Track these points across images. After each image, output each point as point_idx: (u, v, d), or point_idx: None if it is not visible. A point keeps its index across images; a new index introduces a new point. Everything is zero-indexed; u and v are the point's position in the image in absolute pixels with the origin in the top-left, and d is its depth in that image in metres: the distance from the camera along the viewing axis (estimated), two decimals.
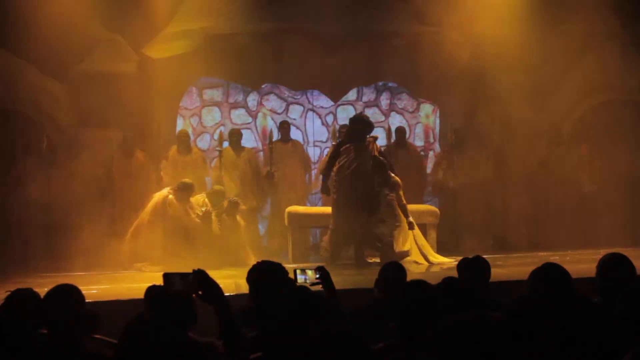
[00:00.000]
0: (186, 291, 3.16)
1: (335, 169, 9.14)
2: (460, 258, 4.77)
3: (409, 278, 4.22)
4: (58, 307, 3.40)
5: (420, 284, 3.40)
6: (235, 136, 11.00)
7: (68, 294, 3.48)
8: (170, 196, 9.33)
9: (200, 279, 3.08)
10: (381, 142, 10.31)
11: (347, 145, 9.16)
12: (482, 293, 4.31)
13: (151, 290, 3.57)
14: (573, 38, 11.74)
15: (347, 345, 2.13)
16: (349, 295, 5.72)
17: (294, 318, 2.76)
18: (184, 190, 9.38)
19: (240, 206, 9.77)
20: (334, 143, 10.73)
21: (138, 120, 10.86)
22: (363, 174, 9.01)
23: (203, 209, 9.34)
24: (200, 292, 3.09)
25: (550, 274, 3.77)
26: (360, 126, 9.20)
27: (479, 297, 4.12)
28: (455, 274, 4.46)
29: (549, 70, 11.99)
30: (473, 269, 4.48)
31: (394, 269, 4.82)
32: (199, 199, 9.54)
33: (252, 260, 9.21)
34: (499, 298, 4.15)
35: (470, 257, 4.63)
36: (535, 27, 11.45)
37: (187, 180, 9.51)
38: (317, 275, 3.88)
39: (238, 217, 9.71)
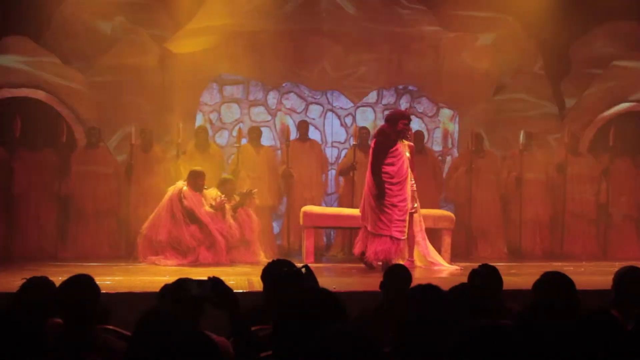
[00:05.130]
0: (202, 297, 3.18)
1: (389, 171, 8.55)
2: (471, 265, 4.76)
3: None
4: (74, 296, 3.42)
5: (428, 288, 3.39)
6: (255, 133, 11.02)
7: (85, 284, 3.50)
8: (185, 188, 9.36)
9: (216, 286, 3.09)
10: None
11: (396, 146, 8.55)
12: (495, 301, 4.29)
13: (165, 289, 3.58)
14: (596, 48, 11.70)
15: (360, 347, 2.13)
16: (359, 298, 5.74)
17: (308, 318, 2.76)
18: (196, 178, 9.40)
19: (254, 197, 9.71)
20: (354, 143, 10.70)
21: (158, 114, 10.91)
22: (408, 177, 8.60)
23: (217, 199, 9.35)
24: (216, 299, 3.10)
25: (552, 281, 3.76)
26: (406, 123, 8.57)
27: (491, 305, 4.10)
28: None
29: (570, 79, 11.94)
30: (485, 276, 4.46)
31: (399, 272, 4.82)
32: (212, 192, 9.56)
33: (262, 257, 9.29)
34: (512, 306, 4.14)
35: (483, 264, 4.61)
36: (559, 36, 11.42)
37: (197, 168, 9.53)
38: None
39: (252, 212, 9.70)
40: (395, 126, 8.51)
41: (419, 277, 8.19)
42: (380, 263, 8.50)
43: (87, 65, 10.88)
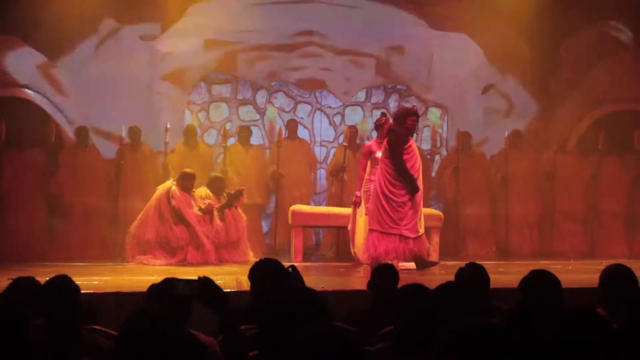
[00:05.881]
0: (190, 297, 3.15)
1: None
2: (459, 263, 4.78)
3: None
4: (53, 297, 3.40)
5: (418, 288, 3.40)
6: (244, 132, 11.01)
7: (62, 285, 3.49)
8: (174, 187, 9.34)
9: (206, 286, 3.07)
10: None
11: (410, 143, 8.51)
12: (482, 299, 4.30)
13: (153, 289, 3.57)
14: (584, 47, 11.74)
15: (341, 345, 2.13)
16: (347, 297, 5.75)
17: (292, 318, 2.76)
18: (186, 180, 9.38)
19: (243, 196, 9.67)
20: (345, 144, 10.70)
21: (146, 114, 10.88)
22: (421, 174, 8.59)
23: (206, 202, 9.34)
24: (204, 299, 3.08)
25: (539, 279, 3.77)
26: (414, 120, 8.49)
27: (478, 303, 4.11)
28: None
29: (559, 78, 11.98)
30: (472, 275, 4.47)
31: (387, 272, 4.84)
32: (202, 192, 9.54)
33: (251, 256, 9.28)
34: (499, 305, 4.15)
35: (470, 263, 4.62)
36: (546, 36, 11.45)
37: (188, 170, 9.50)
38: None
39: (240, 211, 9.68)
40: (404, 123, 8.47)
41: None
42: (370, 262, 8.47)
43: (76, 65, 10.83)
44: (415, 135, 10.93)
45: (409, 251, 8.46)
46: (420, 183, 8.50)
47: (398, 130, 8.46)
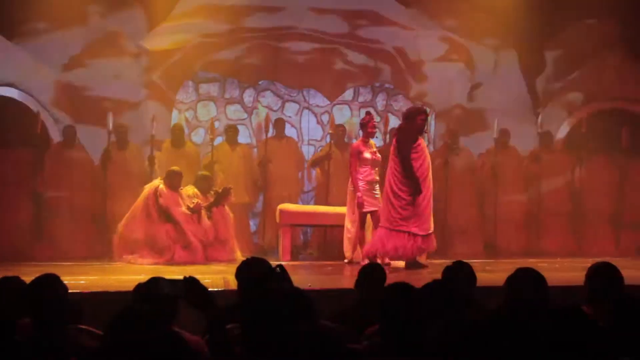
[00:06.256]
0: (174, 296, 3.15)
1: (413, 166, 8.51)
2: (446, 262, 4.79)
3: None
4: (41, 296, 3.39)
5: (404, 287, 3.40)
6: (231, 131, 10.99)
7: (50, 284, 3.48)
8: (161, 186, 9.32)
9: (191, 286, 3.07)
10: (377, 142, 10.26)
11: (419, 142, 8.58)
12: (469, 297, 4.31)
13: (139, 288, 3.57)
14: (571, 46, 11.78)
15: (326, 344, 2.13)
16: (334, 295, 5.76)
17: (280, 316, 2.76)
18: (173, 179, 9.36)
19: (231, 194, 9.66)
20: (330, 132, 10.75)
21: (133, 112, 10.85)
22: (430, 173, 8.65)
23: (194, 201, 9.32)
24: (189, 298, 3.08)
25: (524, 277, 3.78)
26: (423, 119, 8.57)
27: (465, 301, 4.12)
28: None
29: (546, 77, 12.01)
30: (458, 273, 4.48)
31: (374, 270, 4.86)
32: (189, 190, 9.52)
33: (238, 255, 9.27)
34: (486, 303, 4.16)
35: (456, 261, 4.64)
36: (533, 35, 11.48)
37: (175, 168, 9.49)
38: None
39: (227, 209, 9.67)
40: (414, 122, 8.53)
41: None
42: (382, 260, 8.45)
43: (62, 63, 10.78)
44: (424, 134, 10.99)
45: (417, 249, 8.52)
46: (429, 181, 8.56)
47: (407, 129, 8.53)
